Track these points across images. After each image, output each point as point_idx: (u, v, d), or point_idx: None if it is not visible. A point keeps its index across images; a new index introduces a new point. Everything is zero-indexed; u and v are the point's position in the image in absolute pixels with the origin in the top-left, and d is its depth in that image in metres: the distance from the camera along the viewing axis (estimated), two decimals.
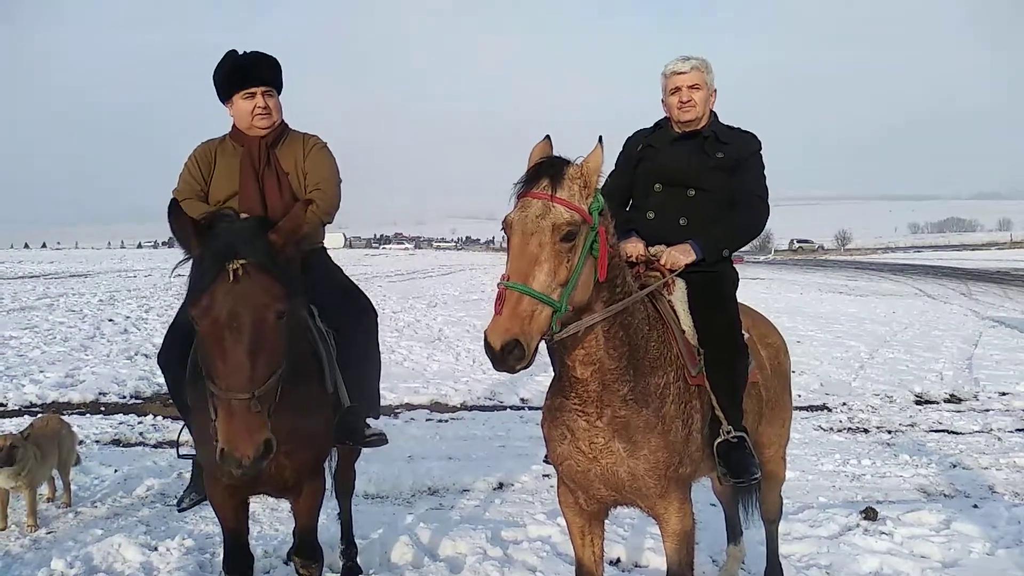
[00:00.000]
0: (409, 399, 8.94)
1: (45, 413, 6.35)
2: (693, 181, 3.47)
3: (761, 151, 3.57)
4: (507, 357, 2.34)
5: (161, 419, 7.77)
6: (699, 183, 3.47)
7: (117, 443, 7.02)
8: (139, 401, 8.77)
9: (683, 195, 3.48)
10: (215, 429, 2.59)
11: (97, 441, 6.98)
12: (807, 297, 24.80)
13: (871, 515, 5.09)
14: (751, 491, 4.11)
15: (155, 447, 6.88)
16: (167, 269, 32.35)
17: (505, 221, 2.56)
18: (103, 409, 8.33)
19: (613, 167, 3.71)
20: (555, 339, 2.56)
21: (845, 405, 9.05)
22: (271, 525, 5.00)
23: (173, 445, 4.48)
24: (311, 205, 3.18)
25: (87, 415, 7.99)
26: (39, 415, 6.12)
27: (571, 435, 2.91)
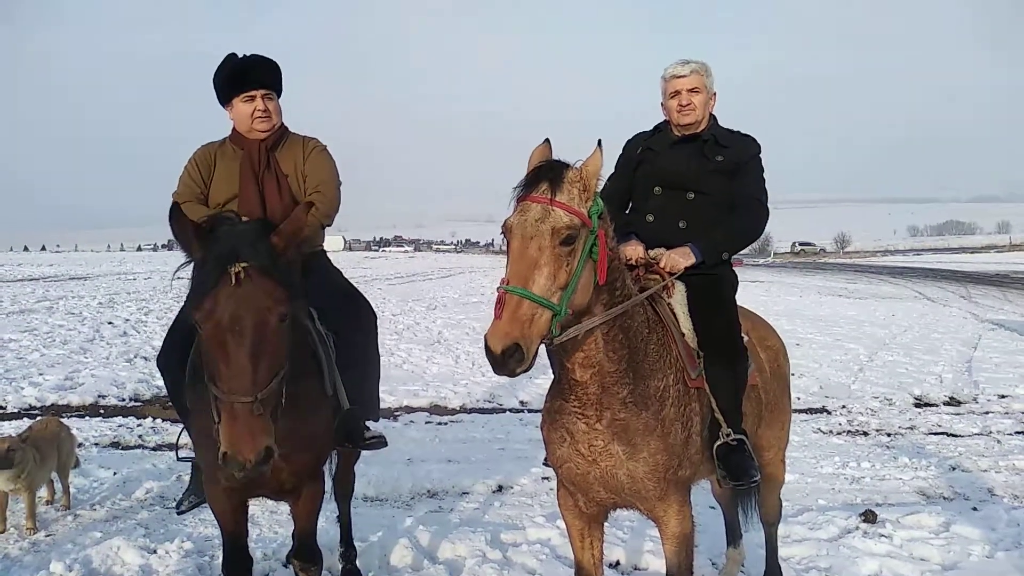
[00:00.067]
0: (408, 402, 8.93)
1: (44, 416, 6.34)
2: (693, 184, 3.48)
3: (760, 154, 3.58)
4: (507, 361, 2.34)
5: (160, 422, 7.75)
6: (699, 186, 3.47)
7: (116, 446, 7.01)
8: (138, 404, 8.75)
9: (682, 198, 3.49)
10: (218, 432, 2.59)
11: (96, 444, 6.97)
12: (806, 300, 24.80)
13: (870, 518, 5.10)
14: (750, 494, 4.11)
15: (154, 450, 6.88)
16: (167, 272, 32.34)
17: (505, 225, 2.56)
18: (102, 412, 8.33)
19: (612, 170, 3.72)
20: (555, 342, 2.56)
21: (844, 408, 9.04)
22: (270, 528, 4.99)
23: (172, 448, 4.48)
24: (311, 208, 3.19)
25: (86, 418, 7.97)
26: (38, 418, 6.11)
27: (571, 438, 2.92)
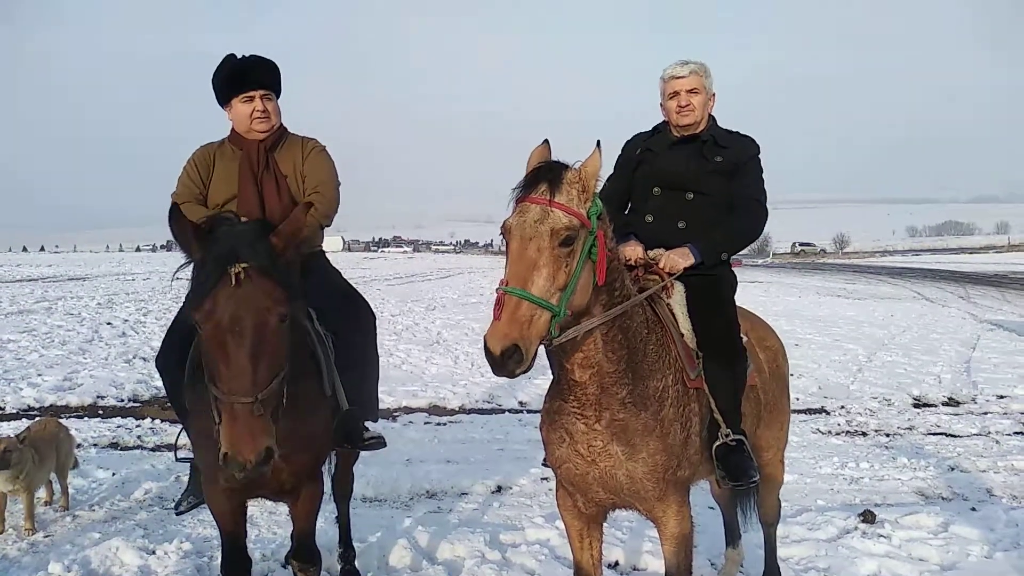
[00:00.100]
0: (407, 402, 8.93)
1: (43, 416, 6.34)
2: (692, 185, 3.48)
3: (759, 155, 3.58)
4: (507, 362, 2.34)
5: (159, 422, 7.75)
6: (698, 187, 3.47)
7: (115, 446, 7.01)
8: (137, 404, 8.75)
9: (682, 199, 3.49)
10: (218, 433, 2.59)
11: (95, 444, 6.96)
12: (805, 300, 24.82)
13: (869, 518, 5.10)
14: (749, 494, 4.11)
15: (153, 450, 6.87)
16: (165, 273, 32.31)
17: (504, 226, 2.55)
18: (101, 412, 8.32)
19: (612, 171, 3.72)
20: (554, 343, 2.56)
21: (843, 408, 9.05)
22: (269, 528, 4.99)
23: (171, 448, 4.48)
24: (310, 208, 3.19)
25: (85, 418, 7.97)
26: (37, 418, 6.11)
27: (570, 438, 2.92)
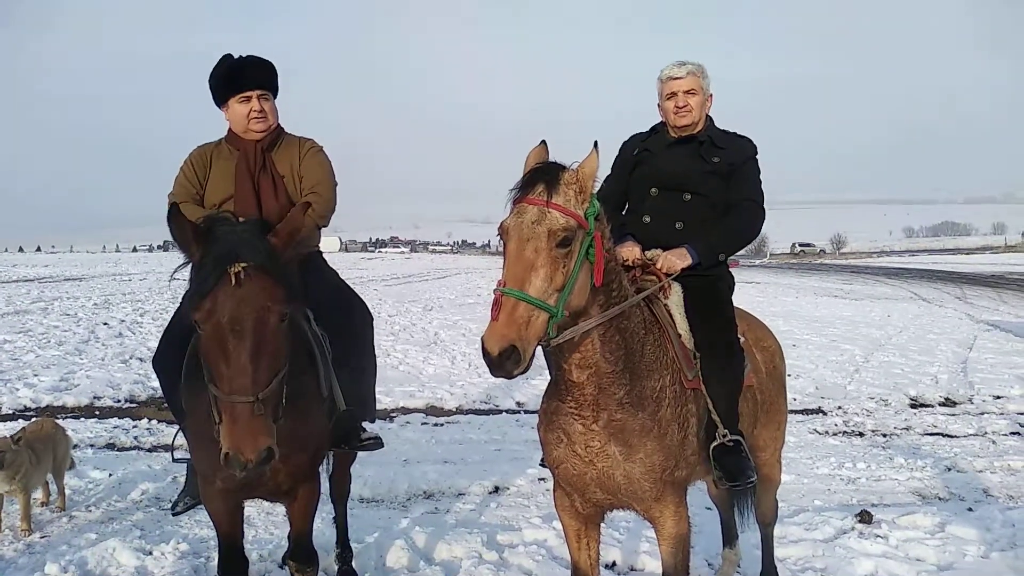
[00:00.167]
0: (405, 403, 8.93)
1: (39, 417, 6.33)
2: (689, 185, 3.48)
3: (757, 156, 3.58)
4: (504, 363, 2.34)
5: (156, 423, 7.74)
6: (695, 187, 3.47)
7: (111, 447, 7.00)
8: (134, 405, 8.73)
9: (679, 199, 3.49)
10: (218, 432, 2.59)
11: (91, 445, 6.95)
12: (802, 301, 24.86)
13: (866, 518, 5.10)
14: (747, 494, 4.12)
15: (150, 451, 6.86)
16: (162, 273, 32.27)
17: (501, 227, 2.55)
18: (98, 413, 8.30)
19: (609, 171, 3.72)
20: (552, 344, 2.56)
21: (840, 408, 9.06)
22: (266, 529, 4.98)
23: (168, 449, 4.48)
24: (308, 208, 3.18)
25: (81, 419, 7.95)
26: (33, 419, 6.10)
27: (567, 439, 2.92)
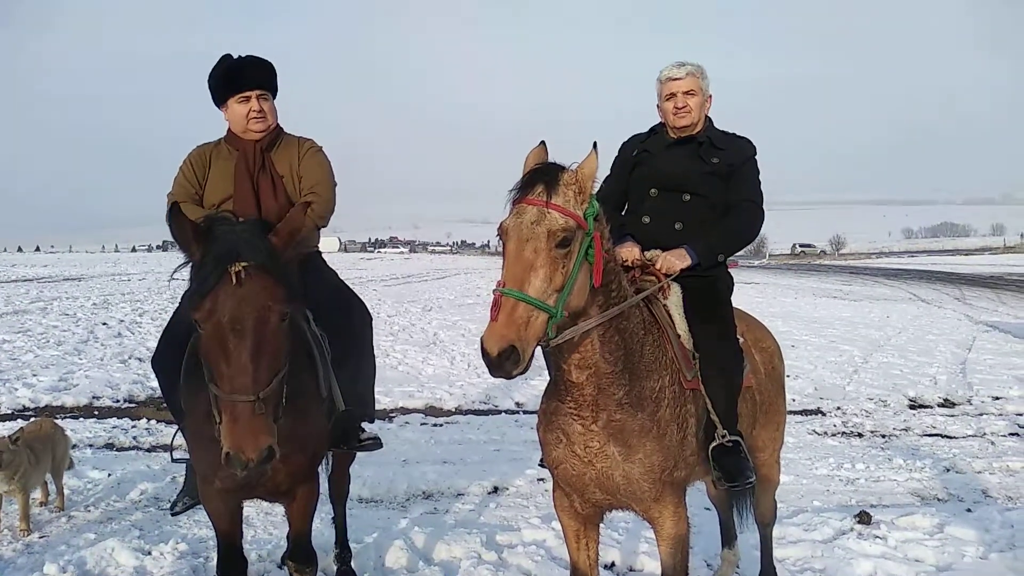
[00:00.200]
0: (404, 403, 8.93)
1: (38, 417, 6.33)
2: (689, 186, 3.48)
3: (756, 157, 3.58)
4: (504, 363, 2.34)
5: (155, 423, 7.73)
6: (694, 188, 3.48)
7: (110, 447, 6.99)
8: (133, 405, 8.73)
9: (678, 200, 3.49)
10: (219, 432, 2.59)
11: (90, 445, 6.95)
12: (801, 301, 24.87)
13: (865, 519, 5.11)
14: (745, 495, 4.12)
15: (148, 451, 6.87)
16: (161, 273, 32.26)
17: (500, 227, 2.56)
18: (96, 413, 8.30)
19: (608, 171, 3.72)
20: (551, 344, 2.56)
21: (839, 409, 9.06)
22: (265, 529, 4.98)
23: (167, 449, 4.47)
24: (308, 208, 3.18)
25: (80, 419, 7.95)
26: (32, 419, 6.09)
27: (566, 439, 2.92)
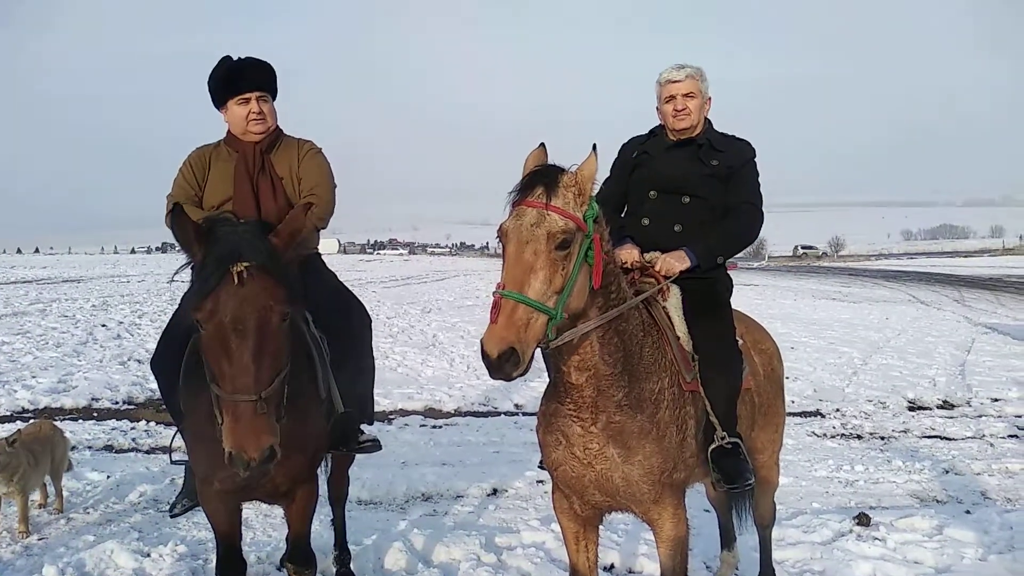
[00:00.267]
0: (403, 405, 8.93)
1: (37, 418, 6.33)
2: (688, 188, 3.49)
3: (755, 159, 3.59)
4: (503, 365, 2.34)
5: (154, 425, 7.73)
6: (694, 190, 3.48)
7: (110, 449, 6.99)
8: (132, 407, 8.72)
9: (678, 202, 3.50)
10: (220, 432, 2.59)
11: (89, 447, 6.94)
12: (801, 303, 24.89)
13: (864, 521, 5.11)
14: (745, 497, 4.11)
15: (148, 453, 6.86)
16: (160, 275, 32.25)
17: (500, 229, 2.56)
18: (96, 415, 8.29)
19: (608, 173, 3.72)
20: (550, 346, 2.57)
21: (838, 411, 9.07)
22: (264, 531, 4.98)
23: (166, 451, 4.47)
24: (309, 209, 3.19)
25: (80, 421, 7.94)
26: (31, 420, 6.09)
27: (566, 441, 2.92)
